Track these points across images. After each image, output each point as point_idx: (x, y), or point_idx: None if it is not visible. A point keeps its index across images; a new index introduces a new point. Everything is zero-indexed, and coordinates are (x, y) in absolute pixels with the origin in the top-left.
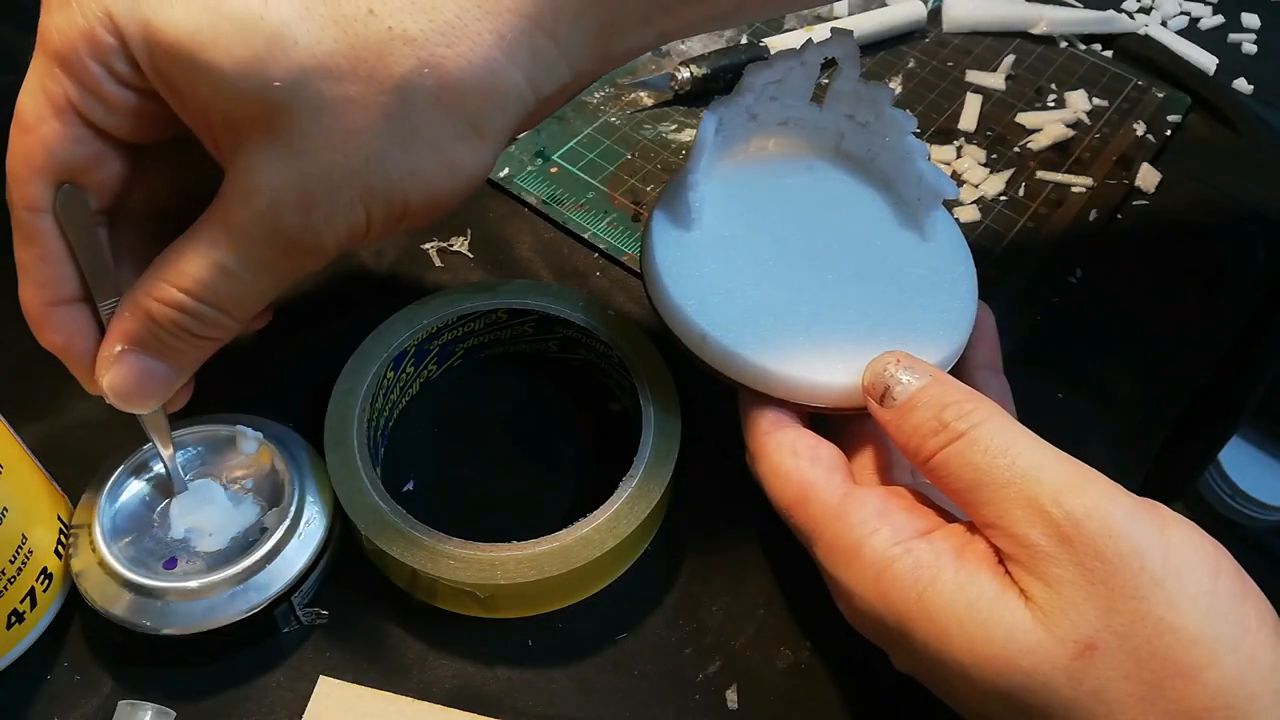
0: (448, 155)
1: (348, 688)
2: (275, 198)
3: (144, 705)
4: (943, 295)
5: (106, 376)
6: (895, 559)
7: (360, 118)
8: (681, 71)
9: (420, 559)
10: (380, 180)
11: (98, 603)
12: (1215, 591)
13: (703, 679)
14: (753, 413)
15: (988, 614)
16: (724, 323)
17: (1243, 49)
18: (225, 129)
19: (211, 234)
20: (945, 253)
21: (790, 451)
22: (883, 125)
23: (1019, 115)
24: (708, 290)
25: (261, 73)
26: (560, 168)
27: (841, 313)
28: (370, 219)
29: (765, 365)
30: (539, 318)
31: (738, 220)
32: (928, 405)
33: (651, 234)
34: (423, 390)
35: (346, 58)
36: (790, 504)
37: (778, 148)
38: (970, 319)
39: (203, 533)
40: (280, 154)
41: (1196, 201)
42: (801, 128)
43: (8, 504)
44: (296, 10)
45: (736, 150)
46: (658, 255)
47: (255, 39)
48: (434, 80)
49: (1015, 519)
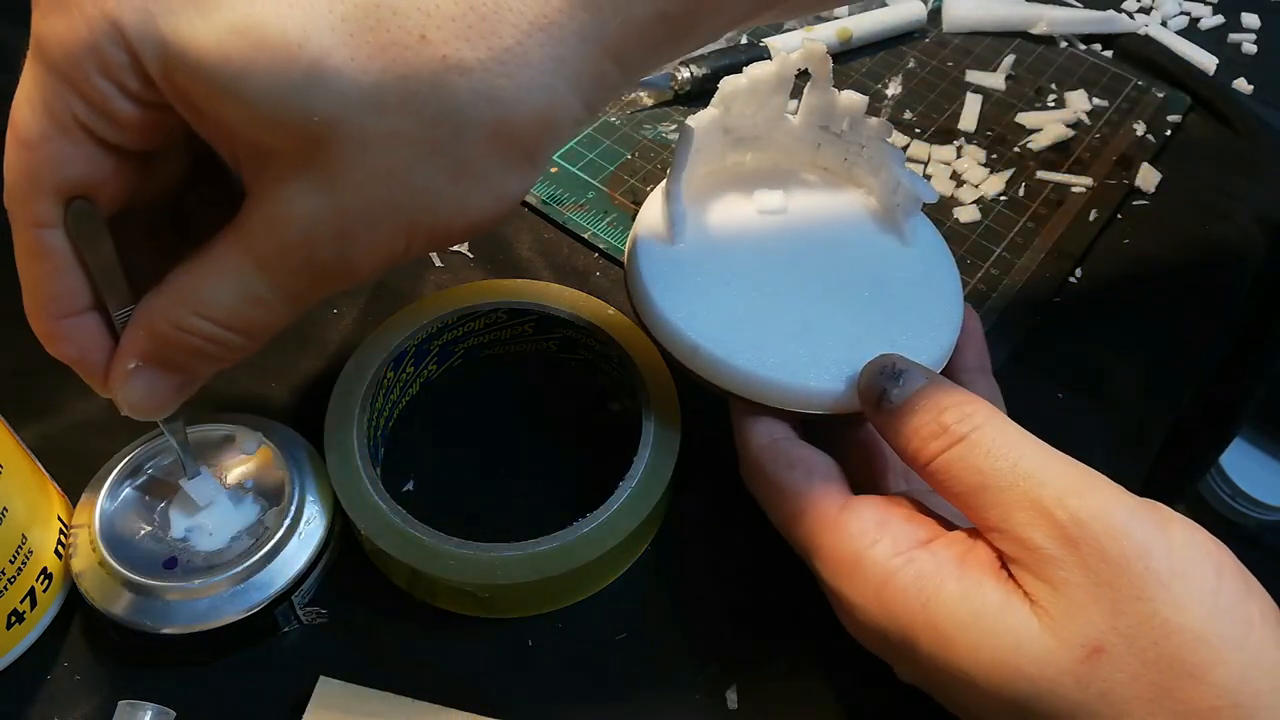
0: (497, 186)
1: (348, 688)
2: (309, 230)
3: (144, 705)
4: (928, 298)
5: (121, 391)
6: (897, 570)
7: (408, 153)
8: (681, 71)
9: (420, 559)
10: (425, 214)
11: (98, 602)
12: (1219, 590)
13: (703, 679)
14: (745, 425)
15: (994, 621)
16: (715, 334)
17: (1243, 49)
18: (253, 153)
19: (236, 259)
20: (927, 256)
21: (785, 464)
22: (857, 134)
23: (1019, 115)
24: (696, 303)
25: (300, 106)
26: (560, 168)
27: (830, 319)
28: (409, 248)
29: (759, 374)
30: (539, 318)
31: (719, 234)
32: (926, 408)
33: (636, 250)
34: (423, 390)
35: (395, 90)
36: (788, 518)
37: (754, 161)
38: (957, 320)
39: (203, 532)
40: (317, 187)
41: (1196, 201)
42: (776, 140)
43: (8, 504)
44: (340, 37)
45: (713, 165)
46: (643, 271)
47: (293, 70)
48: (491, 113)
49: (1019, 522)
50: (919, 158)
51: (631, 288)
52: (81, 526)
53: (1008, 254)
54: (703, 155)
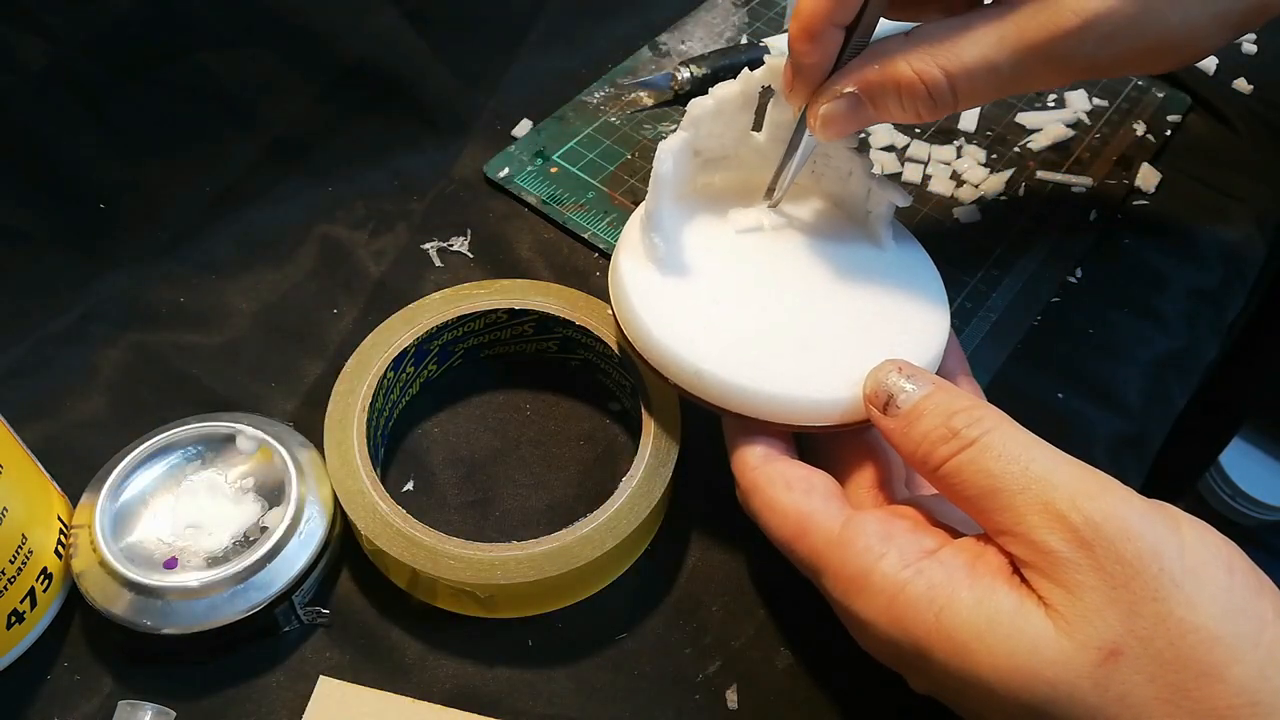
0: None
1: (348, 688)
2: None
3: (144, 705)
4: (915, 301)
5: (826, 106)
6: (907, 582)
7: None
8: (681, 71)
9: (420, 559)
10: None
11: (98, 602)
12: (1232, 588)
13: (703, 679)
14: (740, 447)
15: (1009, 627)
16: (714, 355)
17: (1243, 49)
18: None
19: (999, 29)
20: (907, 260)
21: (783, 485)
22: (825, 145)
23: (1019, 115)
24: (692, 325)
25: None
26: (560, 168)
27: (823, 332)
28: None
29: (764, 391)
30: (539, 318)
31: (701, 255)
32: (934, 413)
33: (621, 276)
34: (423, 390)
35: None
36: (790, 539)
37: (723, 181)
38: (946, 320)
39: (203, 532)
40: None
41: (1196, 201)
42: (744, 158)
43: (8, 504)
44: None
45: (682, 188)
46: (633, 297)
47: None
48: None
49: (1032, 525)
50: (919, 158)
51: (623, 315)
52: (82, 526)
53: (1008, 254)
54: (676, 178)
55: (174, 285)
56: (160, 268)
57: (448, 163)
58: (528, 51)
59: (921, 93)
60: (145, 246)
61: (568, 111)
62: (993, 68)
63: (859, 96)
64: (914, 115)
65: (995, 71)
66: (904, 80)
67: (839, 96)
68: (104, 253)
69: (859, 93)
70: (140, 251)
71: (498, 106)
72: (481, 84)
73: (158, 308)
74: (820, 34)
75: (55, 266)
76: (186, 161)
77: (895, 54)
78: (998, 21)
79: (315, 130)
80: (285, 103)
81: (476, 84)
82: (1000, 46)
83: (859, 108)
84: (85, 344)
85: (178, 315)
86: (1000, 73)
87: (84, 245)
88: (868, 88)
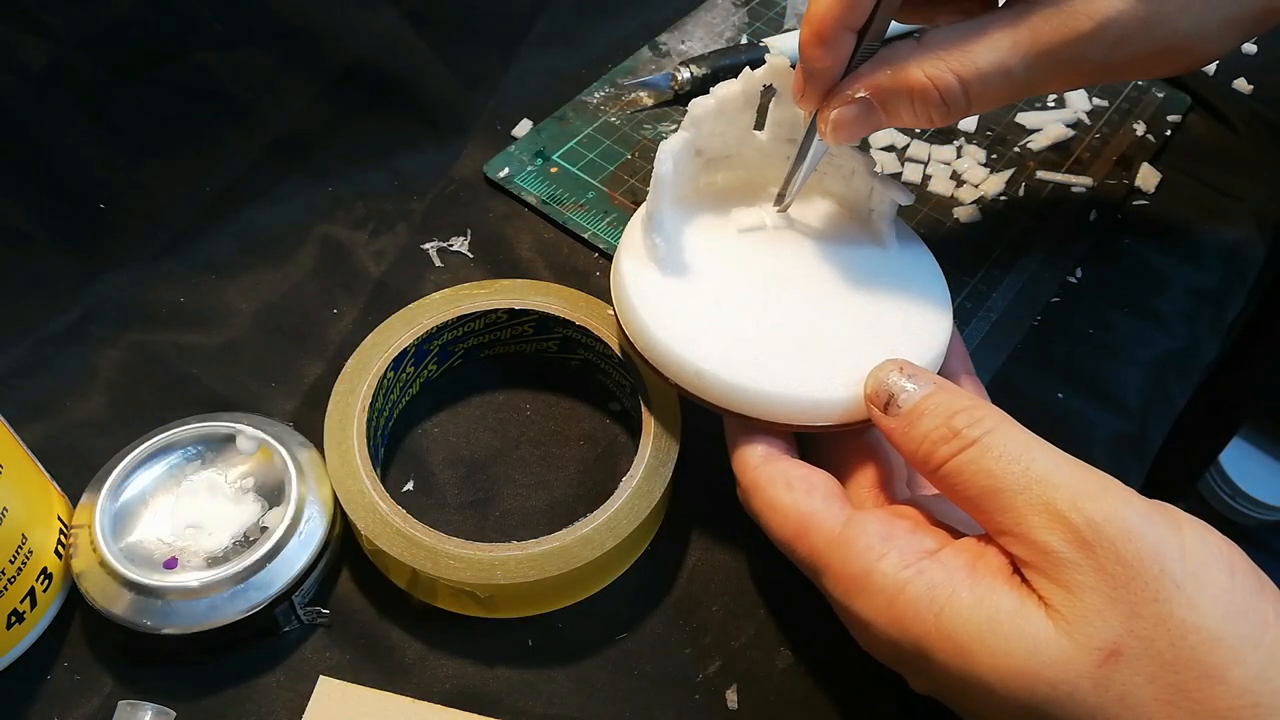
0: None
1: (348, 688)
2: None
3: (144, 705)
4: (917, 300)
5: (838, 111)
6: (907, 582)
7: None
8: (681, 71)
9: (420, 559)
10: None
11: (99, 602)
12: (1233, 589)
13: (703, 679)
14: (741, 446)
15: (1009, 628)
16: (715, 355)
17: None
18: None
19: (1012, 34)
20: (910, 260)
21: (784, 484)
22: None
23: (1019, 115)
24: (694, 326)
25: None
26: (560, 168)
27: (825, 331)
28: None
29: (765, 390)
30: (539, 318)
31: (704, 255)
32: (935, 413)
33: (623, 276)
34: (423, 390)
35: None
36: (791, 538)
37: (725, 180)
38: (948, 320)
39: (203, 532)
40: None
41: (1196, 201)
42: (746, 157)
43: (8, 504)
44: None
45: (685, 187)
46: (634, 297)
47: None
48: None
49: (1033, 525)
50: (919, 157)
51: (625, 316)
52: (82, 527)
53: (1008, 254)
54: (677, 178)
55: (174, 285)
56: (160, 268)
57: (448, 163)
58: (528, 51)
59: (934, 97)
60: (145, 246)
61: (568, 111)
62: (1006, 72)
63: (871, 101)
64: (926, 120)
65: (1008, 75)
66: (916, 85)
67: (850, 101)
68: (104, 253)
69: (871, 98)
70: (140, 251)
71: (498, 106)
72: (481, 84)
73: (158, 308)
74: (832, 38)
75: (55, 266)
76: (186, 161)
77: (907, 58)
78: (1011, 26)
79: (315, 130)
80: (285, 103)
81: (476, 84)
82: (1014, 50)
83: (871, 113)
84: (85, 344)
85: (178, 315)
86: (1013, 77)
87: (84, 245)
88: (880, 93)
